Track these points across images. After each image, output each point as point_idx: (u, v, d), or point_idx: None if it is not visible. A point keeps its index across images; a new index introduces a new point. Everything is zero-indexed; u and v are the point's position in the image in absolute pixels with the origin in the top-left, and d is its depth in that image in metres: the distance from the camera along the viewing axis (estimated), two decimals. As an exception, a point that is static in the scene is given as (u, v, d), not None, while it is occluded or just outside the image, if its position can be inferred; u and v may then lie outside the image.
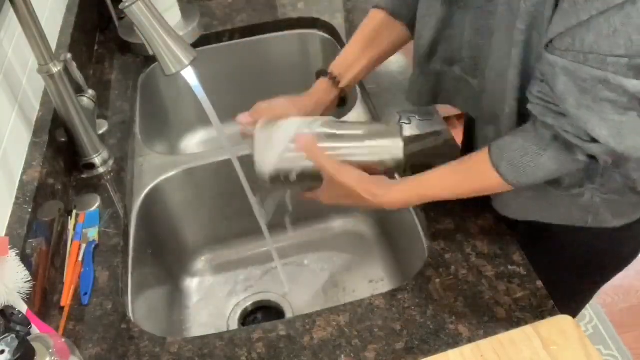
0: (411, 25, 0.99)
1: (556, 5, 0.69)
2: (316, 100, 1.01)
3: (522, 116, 0.83)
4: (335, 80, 1.02)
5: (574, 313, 1.17)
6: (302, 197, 0.98)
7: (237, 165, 1.05)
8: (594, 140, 0.72)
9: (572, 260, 1.00)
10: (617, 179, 0.87)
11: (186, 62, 0.89)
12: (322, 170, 0.89)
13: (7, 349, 0.64)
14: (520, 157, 0.80)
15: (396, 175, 0.99)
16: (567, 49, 0.68)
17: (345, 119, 1.28)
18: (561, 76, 0.70)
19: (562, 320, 0.83)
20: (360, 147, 0.91)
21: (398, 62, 1.33)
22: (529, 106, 0.78)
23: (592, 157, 0.76)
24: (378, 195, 0.89)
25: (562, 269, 0.97)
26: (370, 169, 0.90)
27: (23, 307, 0.79)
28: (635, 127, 0.70)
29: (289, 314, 1.20)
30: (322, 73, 1.03)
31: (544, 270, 0.92)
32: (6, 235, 0.90)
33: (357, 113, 1.29)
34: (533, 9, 0.73)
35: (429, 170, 0.89)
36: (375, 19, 1.03)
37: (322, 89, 1.02)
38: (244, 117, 0.96)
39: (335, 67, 1.03)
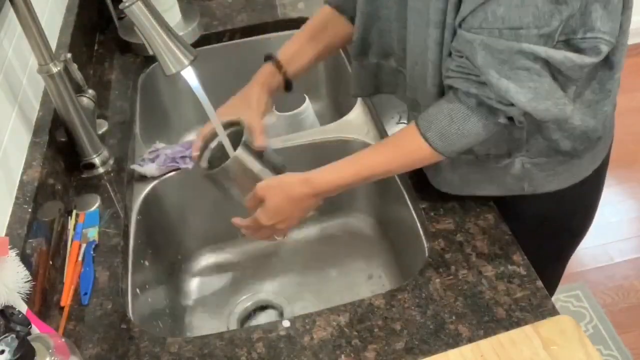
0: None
1: None
2: (261, 84, 1.04)
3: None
4: (279, 65, 1.04)
5: (551, 284, 1.22)
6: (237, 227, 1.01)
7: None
8: (513, 104, 0.79)
9: (529, 229, 1.02)
10: (540, 142, 0.91)
11: (186, 62, 0.89)
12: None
13: (7, 349, 0.64)
14: (447, 125, 0.85)
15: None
16: (481, 26, 0.74)
17: (345, 118, 1.28)
18: (480, 51, 0.76)
19: (562, 320, 0.83)
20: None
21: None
22: (449, 81, 0.83)
23: (510, 119, 0.83)
24: (311, 178, 0.92)
25: (524, 237, 0.98)
26: None
27: (23, 307, 0.79)
28: (547, 91, 0.78)
29: (288, 314, 1.20)
30: (269, 57, 1.06)
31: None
32: (6, 235, 0.90)
33: (357, 113, 1.29)
34: None
35: None
36: (323, 13, 1.07)
37: (267, 72, 1.05)
38: (195, 147, 1.01)
39: (281, 53, 1.06)
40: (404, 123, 1.19)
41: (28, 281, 0.79)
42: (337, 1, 1.06)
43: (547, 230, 1.07)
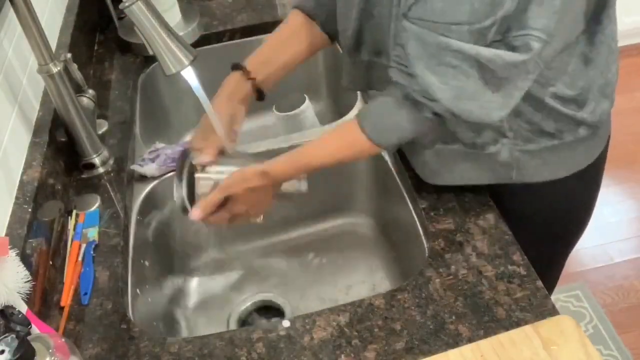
0: (327, 26, 1.05)
1: None
2: (228, 94, 1.03)
3: None
4: (247, 74, 1.03)
5: (551, 282, 1.22)
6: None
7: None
8: (436, 100, 0.79)
9: (525, 227, 1.02)
10: (523, 125, 0.91)
11: (186, 62, 0.89)
12: (215, 198, 0.95)
13: (7, 349, 0.64)
14: (380, 117, 0.87)
15: None
16: (420, 17, 0.75)
17: (345, 118, 1.28)
18: (412, 41, 0.77)
19: (562, 320, 0.83)
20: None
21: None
22: (390, 70, 0.84)
23: (438, 115, 0.82)
24: (268, 171, 0.94)
25: (521, 236, 0.98)
26: None
27: (23, 307, 0.79)
28: (472, 93, 0.77)
29: (288, 314, 1.20)
30: (235, 66, 1.05)
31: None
32: (6, 235, 0.90)
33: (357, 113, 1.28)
34: None
35: None
36: (294, 19, 1.07)
37: (233, 82, 1.04)
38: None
39: (249, 62, 1.05)
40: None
41: (28, 281, 0.79)
42: (309, 7, 1.06)
43: (543, 229, 1.07)
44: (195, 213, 0.95)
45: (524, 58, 0.75)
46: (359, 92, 1.32)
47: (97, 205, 1.09)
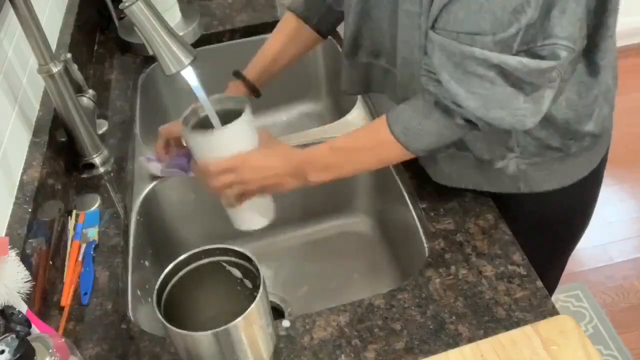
0: (320, 26, 1.09)
1: None
2: None
3: None
4: (250, 85, 1.09)
5: (552, 283, 1.23)
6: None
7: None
8: None
9: (528, 229, 1.02)
10: (530, 141, 0.92)
11: (186, 62, 0.89)
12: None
13: (7, 349, 0.64)
14: (409, 119, 0.86)
15: None
16: (444, 27, 0.76)
17: (345, 118, 1.28)
18: (437, 51, 0.77)
19: (562, 320, 0.83)
20: None
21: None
22: (421, 78, 0.84)
23: (469, 122, 0.82)
24: (308, 175, 0.91)
25: (524, 238, 0.98)
26: None
27: (23, 307, 0.79)
28: (500, 100, 0.77)
29: (288, 314, 1.20)
30: (237, 75, 1.09)
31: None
32: (6, 235, 0.90)
33: (357, 113, 1.29)
34: None
35: None
36: (289, 23, 1.10)
37: (235, 91, 1.08)
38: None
39: (250, 72, 1.10)
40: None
41: (28, 281, 0.79)
42: (302, 11, 1.08)
43: (545, 230, 1.07)
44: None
45: (550, 65, 0.75)
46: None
47: (97, 205, 1.09)
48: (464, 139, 0.92)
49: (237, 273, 0.85)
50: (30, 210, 0.94)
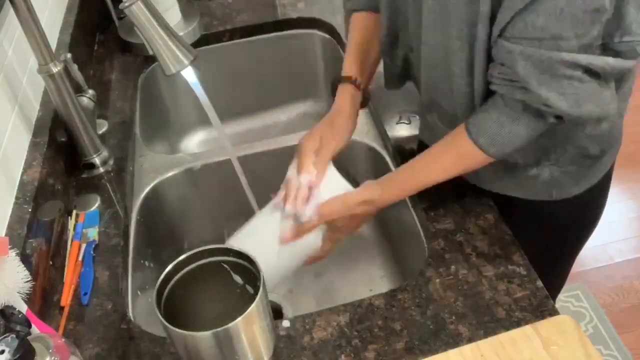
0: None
1: None
2: (350, 114, 0.99)
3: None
4: (357, 84, 1.01)
5: (557, 285, 1.25)
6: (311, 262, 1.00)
7: (236, 165, 1.05)
8: None
9: (540, 231, 1.03)
10: (571, 150, 0.92)
11: (186, 62, 0.89)
12: (313, 230, 0.93)
13: (7, 349, 0.64)
14: (498, 130, 0.85)
15: None
16: (521, 35, 0.74)
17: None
18: (520, 61, 0.76)
19: (562, 320, 0.83)
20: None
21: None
22: (494, 87, 0.83)
23: (560, 118, 0.82)
24: (375, 200, 0.92)
25: (532, 239, 0.98)
26: None
27: (23, 307, 0.79)
28: (590, 95, 0.78)
29: (288, 314, 1.20)
30: (340, 80, 1.01)
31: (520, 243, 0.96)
32: (6, 235, 0.90)
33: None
34: (467, 5, 0.77)
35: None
36: (363, 19, 1.06)
37: (350, 97, 1.00)
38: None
39: (351, 70, 1.02)
40: (404, 123, 1.19)
41: (28, 281, 0.79)
42: (367, 4, 1.05)
43: (557, 236, 1.07)
44: (286, 234, 0.92)
45: (632, 63, 0.76)
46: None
47: (97, 205, 1.09)
48: None
49: (238, 279, 0.85)
50: (30, 210, 0.94)
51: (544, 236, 0.98)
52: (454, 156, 0.90)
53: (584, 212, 1.06)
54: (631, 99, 0.93)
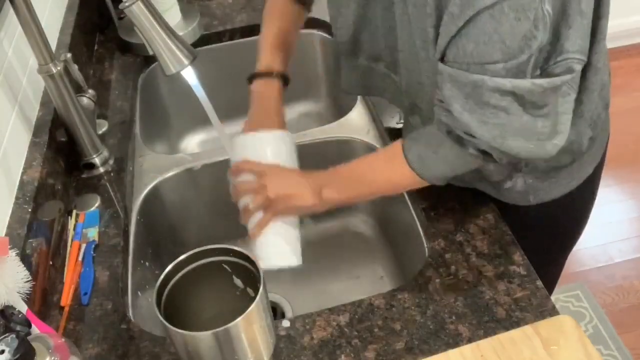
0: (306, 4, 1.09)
1: (439, 20, 0.74)
2: (276, 108, 1.03)
3: None
4: (268, 74, 1.03)
5: (551, 282, 1.23)
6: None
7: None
8: None
9: (528, 231, 1.02)
10: (539, 163, 0.92)
11: (186, 62, 0.89)
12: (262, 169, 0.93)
13: (7, 349, 0.64)
14: (425, 148, 0.86)
15: None
16: (454, 60, 0.74)
17: (345, 118, 1.28)
18: (447, 82, 0.76)
19: (562, 320, 0.83)
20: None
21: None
22: (434, 107, 0.83)
23: (483, 152, 0.80)
24: (322, 196, 0.91)
25: (523, 238, 0.98)
26: None
27: (23, 307, 0.79)
28: (516, 129, 0.75)
29: (289, 314, 1.20)
30: (254, 77, 1.03)
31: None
32: (6, 235, 0.90)
33: (357, 113, 1.29)
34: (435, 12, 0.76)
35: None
36: (283, 5, 1.09)
37: (272, 90, 1.03)
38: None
39: (262, 64, 1.04)
40: (402, 123, 1.19)
41: (28, 281, 0.79)
42: None
43: (547, 234, 1.07)
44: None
45: (563, 79, 0.73)
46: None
47: (97, 205, 1.09)
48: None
49: (239, 283, 0.85)
50: (30, 210, 0.94)
51: (529, 238, 0.98)
52: (387, 166, 0.90)
53: (567, 215, 1.06)
54: (630, 99, 0.93)
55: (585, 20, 0.72)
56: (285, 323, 0.88)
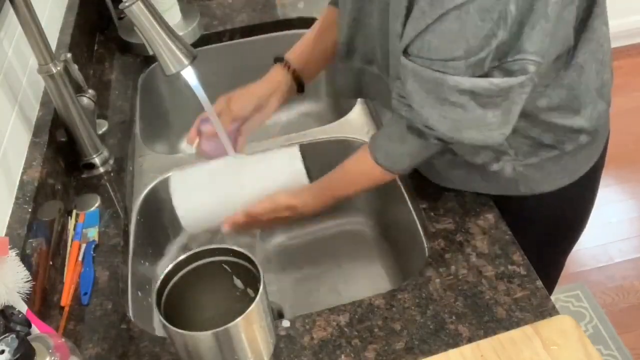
0: None
1: (408, 14, 0.76)
2: (274, 88, 1.06)
3: None
4: (288, 67, 1.06)
5: (551, 282, 1.23)
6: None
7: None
8: None
9: (527, 228, 1.02)
10: (522, 141, 0.92)
11: (186, 62, 0.89)
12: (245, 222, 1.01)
13: (7, 349, 0.64)
14: (388, 143, 0.90)
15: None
16: (418, 54, 0.76)
17: (345, 118, 1.28)
18: (409, 77, 0.78)
19: (562, 320, 0.83)
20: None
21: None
22: (392, 101, 0.86)
23: (443, 140, 0.84)
24: (295, 205, 0.98)
25: (523, 237, 0.99)
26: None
27: (23, 307, 0.79)
28: (470, 122, 0.79)
29: (288, 314, 1.20)
30: (278, 59, 1.08)
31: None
32: (6, 235, 0.90)
33: (357, 113, 1.29)
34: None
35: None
36: (328, 14, 1.09)
37: (277, 75, 1.07)
38: (193, 134, 1.05)
39: (290, 55, 1.08)
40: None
41: (28, 281, 0.79)
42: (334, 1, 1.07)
43: (546, 233, 1.07)
44: (225, 226, 1.01)
45: (519, 81, 0.75)
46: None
47: (97, 205, 1.09)
48: (452, 147, 0.92)
49: (239, 283, 0.85)
50: (30, 210, 0.94)
51: (529, 237, 0.98)
52: (359, 170, 0.96)
53: (566, 214, 1.06)
54: (630, 99, 0.93)
55: (549, 24, 0.73)
56: (285, 323, 0.88)
